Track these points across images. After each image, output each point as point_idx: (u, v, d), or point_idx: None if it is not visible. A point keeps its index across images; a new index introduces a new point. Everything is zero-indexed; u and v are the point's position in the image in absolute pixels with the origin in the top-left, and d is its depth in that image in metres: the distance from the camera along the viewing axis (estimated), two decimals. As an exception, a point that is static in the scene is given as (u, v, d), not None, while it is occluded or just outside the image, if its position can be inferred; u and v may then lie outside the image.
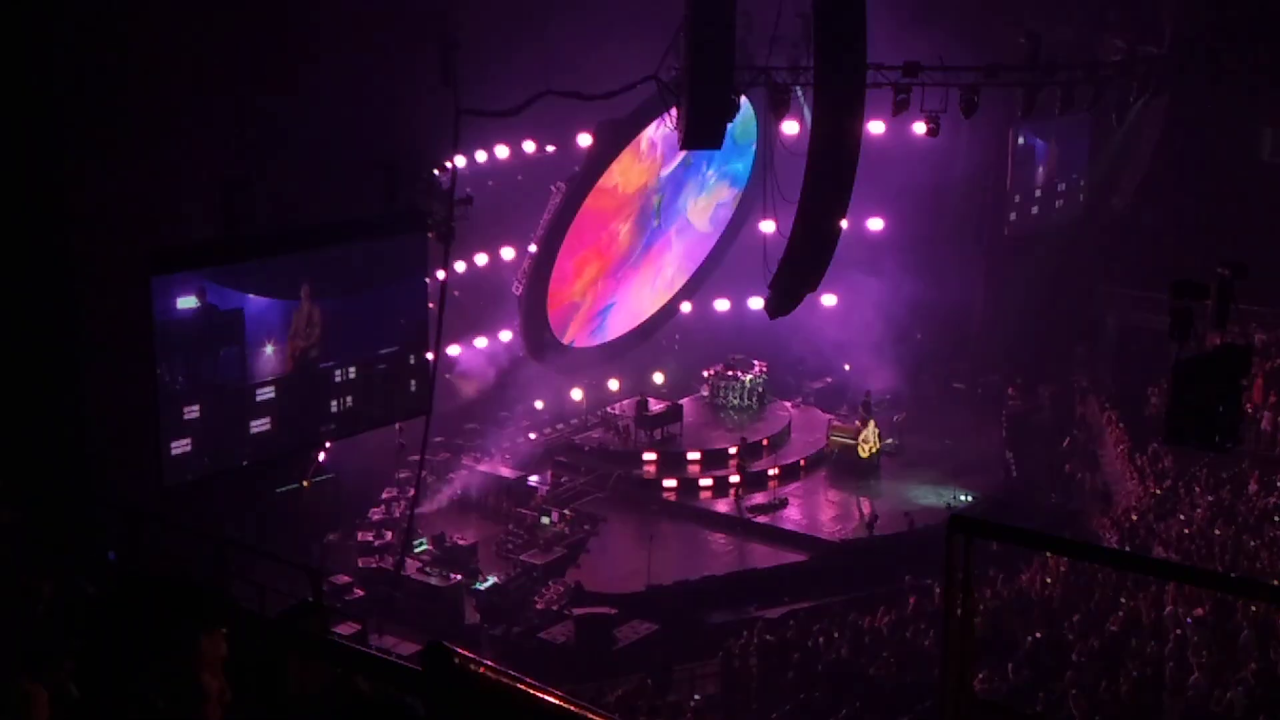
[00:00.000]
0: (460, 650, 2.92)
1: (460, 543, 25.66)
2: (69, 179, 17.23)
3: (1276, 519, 22.34)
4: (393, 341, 22.59)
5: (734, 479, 29.19)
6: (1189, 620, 18.07)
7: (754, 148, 31.40)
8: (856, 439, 30.16)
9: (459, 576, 24.29)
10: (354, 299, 21.91)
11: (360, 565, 24.88)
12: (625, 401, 31.66)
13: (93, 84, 18.17)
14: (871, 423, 29.99)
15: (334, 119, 20.36)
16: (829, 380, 34.13)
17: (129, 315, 18.77)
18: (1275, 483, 24.36)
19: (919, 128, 25.35)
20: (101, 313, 18.72)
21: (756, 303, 27.97)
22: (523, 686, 2.93)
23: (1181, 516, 23.57)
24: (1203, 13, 30.74)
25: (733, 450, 30.00)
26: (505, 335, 29.99)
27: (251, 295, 20.33)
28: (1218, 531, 22.11)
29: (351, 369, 21.94)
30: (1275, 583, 19.00)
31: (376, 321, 22.27)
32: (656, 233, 32.49)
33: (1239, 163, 33.09)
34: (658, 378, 34.06)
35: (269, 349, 20.66)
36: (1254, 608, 17.66)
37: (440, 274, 23.34)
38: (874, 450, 29.86)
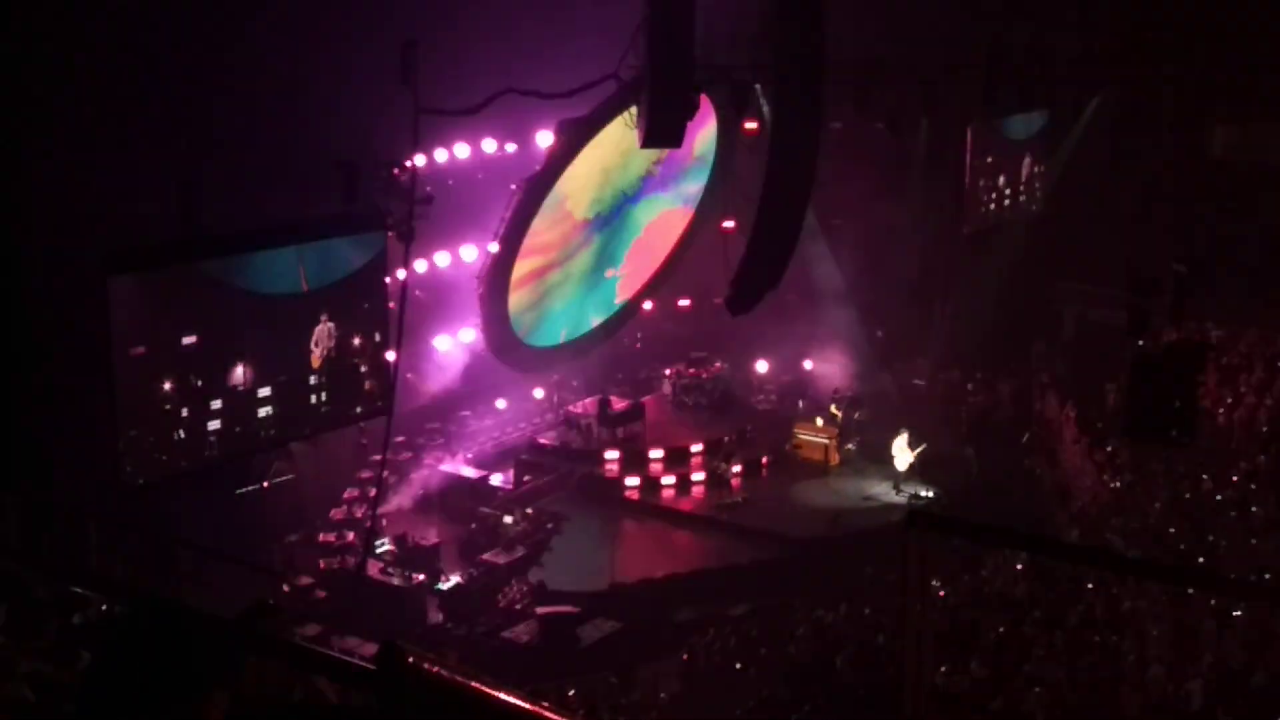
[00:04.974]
0: (414, 649, 2.89)
1: (422, 543, 25.54)
2: (22, 179, 17.07)
3: (1233, 513, 22.51)
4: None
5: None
6: (1148, 613, 18.21)
7: (715, 148, 31.41)
8: (828, 441, 30.25)
9: (421, 577, 24.18)
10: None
11: (322, 567, 24.73)
12: (587, 400, 31.60)
13: (47, 82, 18.00)
14: (905, 437, 29.26)
15: (292, 118, 20.22)
16: (788, 378, 34.18)
17: (85, 316, 18.60)
18: (1232, 477, 24.56)
19: (878, 125, 25.48)
20: (57, 314, 18.57)
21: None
22: (478, 685, 2.91)
23: (1145, 511, 23.73)
24: (1153, 11, 31.03)
25: (698, 448, 30.13)
26: (466, 335, 29.88)
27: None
28: (1172, 530, 22.27)
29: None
30: (1232, 576, 19.15)
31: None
32: (619, 231, 32.42)
33: (1190, 160, 33.34)
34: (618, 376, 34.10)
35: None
36: (1213, 601, 17.80)
37: (401, 273, 23.24)
38: (910, 458, 29.09)
